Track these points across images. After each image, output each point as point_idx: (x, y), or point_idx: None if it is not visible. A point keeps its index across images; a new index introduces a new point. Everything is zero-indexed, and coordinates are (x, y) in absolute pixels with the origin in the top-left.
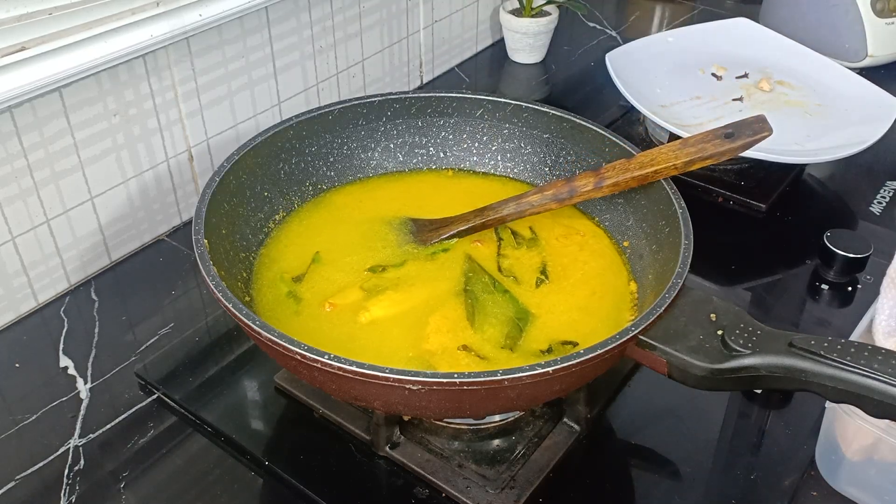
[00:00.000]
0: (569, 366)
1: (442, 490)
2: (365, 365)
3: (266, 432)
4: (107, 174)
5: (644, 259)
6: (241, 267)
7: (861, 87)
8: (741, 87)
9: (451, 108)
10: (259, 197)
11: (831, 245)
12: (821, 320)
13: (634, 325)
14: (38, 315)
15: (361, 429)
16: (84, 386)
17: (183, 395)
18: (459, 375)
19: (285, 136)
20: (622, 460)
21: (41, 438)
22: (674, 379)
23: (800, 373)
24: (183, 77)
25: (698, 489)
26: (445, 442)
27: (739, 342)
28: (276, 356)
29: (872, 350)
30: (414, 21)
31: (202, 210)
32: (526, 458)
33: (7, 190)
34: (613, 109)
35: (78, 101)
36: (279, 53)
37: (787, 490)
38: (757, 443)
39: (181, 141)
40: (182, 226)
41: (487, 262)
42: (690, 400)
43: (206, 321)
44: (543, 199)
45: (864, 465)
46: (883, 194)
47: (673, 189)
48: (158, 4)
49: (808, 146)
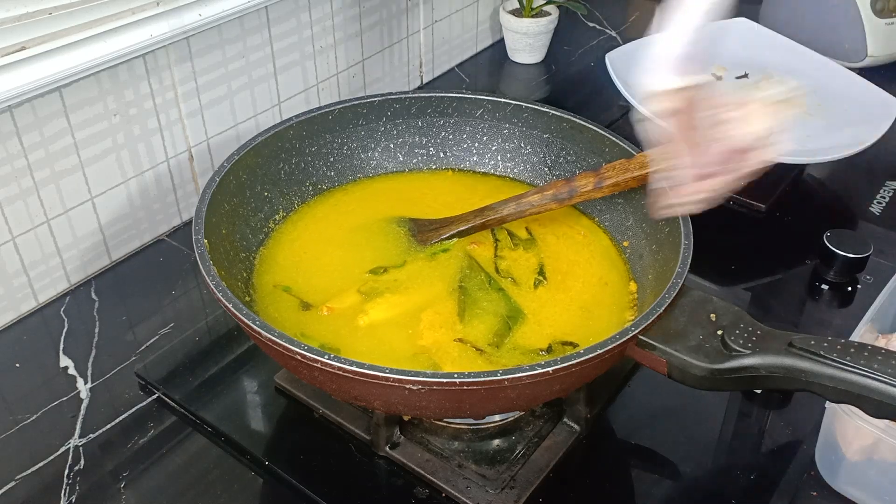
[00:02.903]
0: (569, 366)
1: (442, 490)
2: (365, 365)
3: (266, 432)
4: (107, 174)
5: (644, 259)
6: (241, 267)
7: (861, 87)
8: (741, 88)
9: (451, 108)
10: (259, 197)
11: (831, 245)
12: (821, 320)
13: (634, 325)
14: (39, 315)
15: (361, 429)
16: (84, 386)
17: (183, 394)
18: (459, 375)
19: (285, 136)
20: (622, 460)
21: (41, 438)
22: (674, 379)
23: (800, 373)
24: (183, 77)
25: (698, 489)
26: (445, 442)
27: (739, 342)
28: (276, 356)
29: (872, 350)
30: (414, 21)
31: (202, 210)
32: (526, 458)
33: (7, 190)
34: (613, 109)
35: (78, 101)
36: (279, 53)
37: (786, 490)
38: (757, 443)
39: (181, 141)
40: (182, 226)
41: (485, 265)
42: (690, 400)
43: (206, 321)
44: (543, 199)
45: (863, 465)
46: (882, 194)
47: None
48: (158, 4)
49: (807, 146)
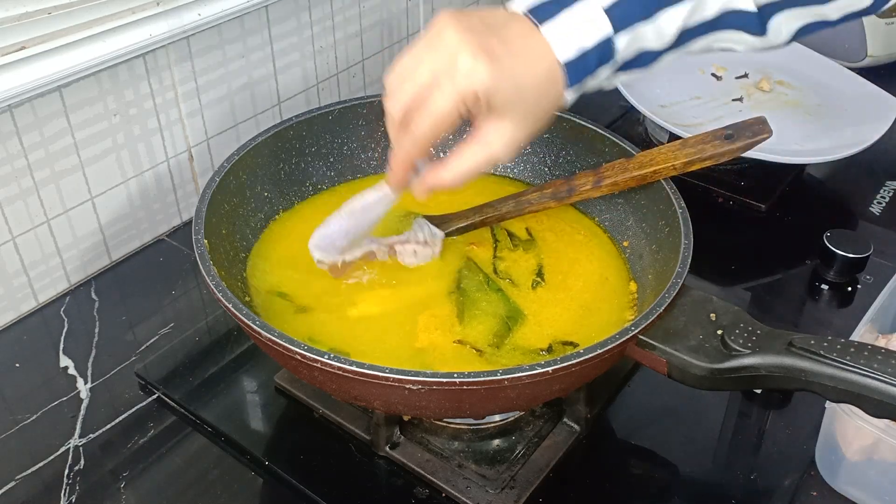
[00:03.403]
0: (569, 366)
1: (442, 490)
2: (365, 365)
3: (266, 432)
4: (107, 174)
5: (644, 259)
6: (241, 267)
7: (861, 87)
8: (741, 87)
9: None
10: (259, 197)
11: (831, 245)
12: (821, 320)
13: (634, 325)
14: (39, 315)
15: (361, 429)
16: (84, 386)
17: (183, 394)
18: (459, 375)
19: (285, 136)
20: (622, 460)
21: (41, 438)
22: (674, 379)
23: (800, 372)
24: (183, 77)
25: (698, 489)
26: (445, 442)
27: (739, 342)
28: (276, 356)
29: (872, 350)
30: (414, 21)
31: (202, 210)
32: (526, 458)
33: (7, 190)
34: (613, 109)
35: (78, 101)
36: (279, 53)
37: (786, 490)
38: (757, 443)
39: (181, 141)
40: (182, 226)
41: (484, 265)
42: (690, 400)
43: (206, 321)
44: (542, 197)
45: (863, 465)
46: (883, 194)
47: (673, 189)
48: (158, 4)
49: (807, 146)
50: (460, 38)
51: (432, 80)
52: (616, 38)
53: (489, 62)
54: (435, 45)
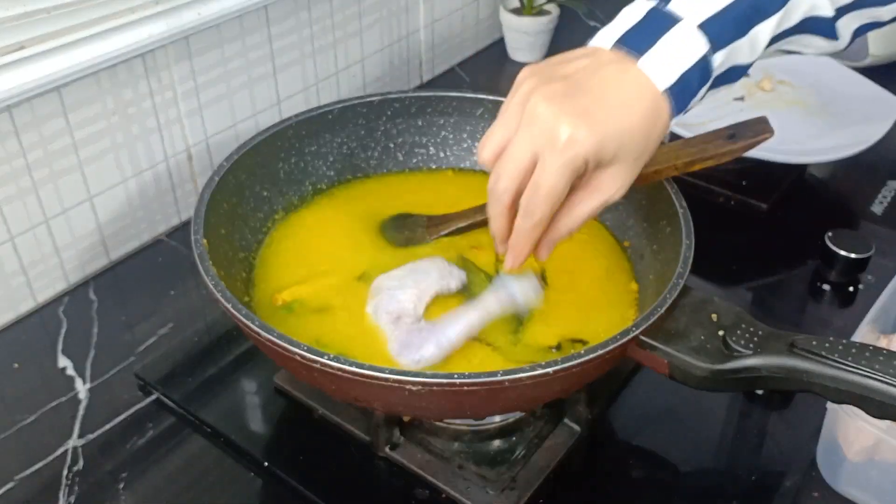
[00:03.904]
0: (569, 366)
1: (442, 491)
2: (364, 365)
3: (265, 433)
4: (106, 174)
5: (645, 259)
6: (240, 267)
7: (862, 86)
8: (742, 87)
9: (451, 108)
10: (258, 197)
11: (833, 245)
12: (822, 321)
13: (635, 326)
14: (37, 315)
15: (361, 430)
16: (83, 386)
17: (182, 395)
18: (459, 376)
19: (285, 135)
20: (623, 461)
21: (40, 439)
22: (675, 379)
23: (801, 373)
24: (182, 76)
25: (699, 490)
26: (446, 443)
27: (741, 343)
28: (276, 356)
29: (874, 351)
30: (414, 20)
31: (201, 210)
32: (526, 458)
33: (5, 189)
34: None
35: (77, 101)
36: (279, 52)
37: (788, 491)
38: (758, 444)
39: (180, 140)
40: (181, 226)
41: (487, 269)
42: (691, 401)
43: (206, 321)
44: None
45: (865, 466)
46: (884, 194)
47: (674, 189)
48: (157, 3)
49: (809, 146)
50: (551, 107)
51: (533, 157)
52: (713, 56)
53: (588, 125)
54: (527, 120)
